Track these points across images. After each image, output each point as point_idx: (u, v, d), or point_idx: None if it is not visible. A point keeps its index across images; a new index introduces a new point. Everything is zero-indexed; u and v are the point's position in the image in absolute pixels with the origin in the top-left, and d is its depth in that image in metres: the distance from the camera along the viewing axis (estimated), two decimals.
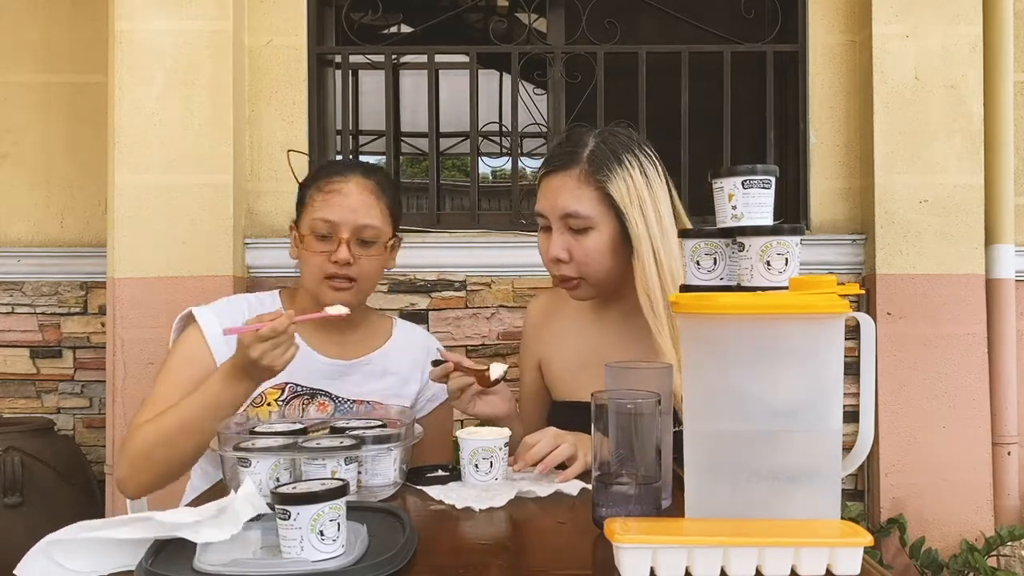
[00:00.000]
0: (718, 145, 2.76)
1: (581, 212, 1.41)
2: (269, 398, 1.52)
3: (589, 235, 1.42)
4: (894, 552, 2.54)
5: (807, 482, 0.92)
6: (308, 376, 1.55)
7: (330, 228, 1.49)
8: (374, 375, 1.60)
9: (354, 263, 1.48)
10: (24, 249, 2.86)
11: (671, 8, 2.84)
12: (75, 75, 2.87)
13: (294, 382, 1.53)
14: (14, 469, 2.42)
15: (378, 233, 1.52)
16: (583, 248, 1.42)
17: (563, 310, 1.61)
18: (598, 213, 1.41)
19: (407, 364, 1.64)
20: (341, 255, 1.47)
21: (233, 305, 1.58)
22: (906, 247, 2.59)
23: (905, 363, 2.58)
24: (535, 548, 1.03)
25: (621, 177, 1.41)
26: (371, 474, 1.18)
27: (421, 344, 1.68)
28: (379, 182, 1.55)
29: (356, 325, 1.61)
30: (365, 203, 1.51)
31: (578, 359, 1.56)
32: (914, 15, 2.59)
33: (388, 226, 1.55)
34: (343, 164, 1.60)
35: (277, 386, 1.52)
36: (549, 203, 1.44)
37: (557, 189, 1.43)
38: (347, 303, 1.47)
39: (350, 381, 1.58)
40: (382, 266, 1.56)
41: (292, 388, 1.54)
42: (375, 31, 3.12)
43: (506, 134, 3.22)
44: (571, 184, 1.42)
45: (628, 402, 0.98)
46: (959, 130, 2.59)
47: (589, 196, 1.41)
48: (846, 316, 0.91)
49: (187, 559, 0.86)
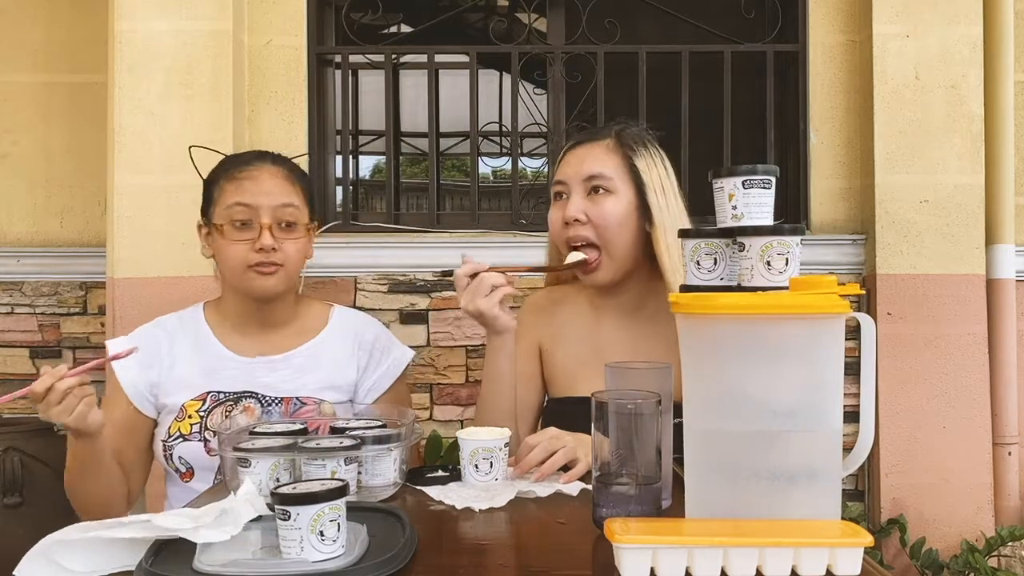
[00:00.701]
0: (718, 145, 2.76)
1: (606, 173, 1.47)
2: (190, 410, 1.50)
3: (609, 199, 1.47)
4: (894, 552, 2.54)
5: (807, 482, 0.92)
6: (229, 380, 1.53)
7: (249, 213, 1.47)
8: (305, 368, 1.56)
9: (278, 248, 1.47)
10: (24, 249, 2.86)
11: (671, 8, 2.84)
12: (75, 75, 2.87)
13: (215, 390, 1.52)
14: (14, 469, 2.42)
15: (298, 214, 1.50)
16: (601, 210, 1.46)
17: (562, 309, 1.61)
18: (621, 179, 1.47)
19: (342, 353, 1.59)
20: (265, 240, 1.45)
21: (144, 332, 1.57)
22: (906, 247, 2.59)
23: (905, 363, 2.58)
24: (535, 548, 1.03)
25: (647, 155, 1.49)
26: (371, 474, 1.17)
27: (354, 329, 1.63)
28: (291, 168, 1.55)
29: (284, 319, 1.58)
30: (280, 186, 1.50)
31: (577, 357, 1.56)
32: (914, 15, 2.59)
33: (305, 210, 1.53)
34: (250, 153, 1.57)
35: (198, 396, 1.51)
36: (573, 169, 1.50)
37: (583, 156, 1.50)
38: (275, 289, 1.48)
39: (278, 377, 1.54)
40: (304, 252, 1.54)
41: (214, 396, 1.52)
42: (375, 31, 3.12)
43: (506, 134, 3.22)
44: (599, 150, 1.50)
45: (628, 402, 0.98)
46: (959, 130, 2.59)
47: (616, 163, 1.48)
48: (846, 316, 0.91)
49: (187, 559, 0.86)
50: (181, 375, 1.53)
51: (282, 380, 1.54)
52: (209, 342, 1.56)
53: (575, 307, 1.59)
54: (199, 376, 1.53)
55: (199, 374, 1.53)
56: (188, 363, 1.54)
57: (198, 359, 1.55)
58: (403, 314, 2.67)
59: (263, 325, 1.57)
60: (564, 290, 1.64)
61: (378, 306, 2.67)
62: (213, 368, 1.54)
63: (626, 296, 1.54)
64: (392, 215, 2.83)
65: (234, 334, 1.56)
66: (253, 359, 1.54)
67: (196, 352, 1.55)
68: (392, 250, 2.69)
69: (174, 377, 1.53)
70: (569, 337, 1.58)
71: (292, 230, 1.49)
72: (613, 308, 1.56)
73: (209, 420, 1.49)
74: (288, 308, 1.58)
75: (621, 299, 1.55)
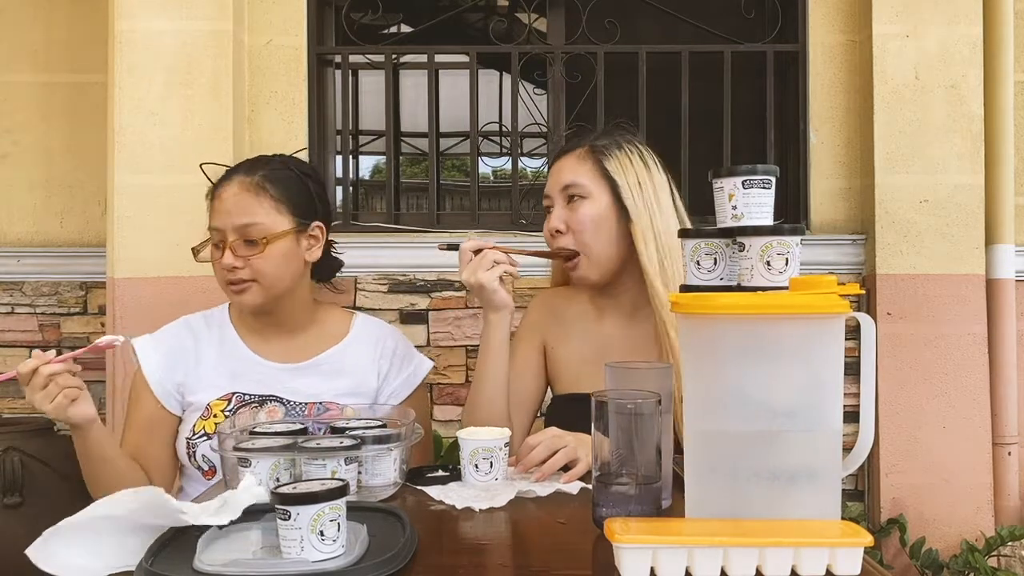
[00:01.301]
0: (718, 145, 2.76)
1: (577, 181, 1.51)
2: (215, 409, 1.52)
3: (583, 204, 1.51)
4: (894, 552, 2.54)
5: (807, 482, 0.92)
6: (255, 383, 1.54)
7: (219, 236, 1.49)
8: (329, 375, 1.57)
9: (244, 265, 1.47)
10: (24, 249, 2.86)
11: (671, 8, 2.84)
12: (75, 75, 2.87)
13: (241, 391, 1.53)
14: (14, 469, 2.42)
15: (264, 228, 1.48)
16: (577, 217, 1.50)
17: (566, 309, 1.63)
18: (594, 184, 1.51)
19: (365, 360, 1.61)
20: (225, 260, 1.47)
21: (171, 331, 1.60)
22: (906, 247, 2.59)
23: (905, 363, 2.58)
24: (535, 548, 1.03)
25: (619, 156, 1.52)
26: (371, 474, 1.17)
27: (376, 336, 1.64)
28: (266, 175, 1.51)
29: (303, 326, 1.59)
30: (241, 203, 1.48)
31: (580, 355, 1.58)
32: (914, 15, 2.59)
33: (280, 217, 1.50)
34: (232, 168, 1.55)
35: (224, 397, 1.53)
36: (553, 181, 1.55)
37: (560, 168, 1.55)
38: (253, 303, 1.49)
39: (303, 383, 1.55)
40: (288, 259, 1.51)
41: (239, 397, 1.53)
42: (375, 31, 3.12)
43: (506, 134, 3.22)
44: (572, 160, 1.54)
45: (628, 402, 0.98)
46: (959, 130, 2.59)
47: (587, 169, 1.52)
48: (846, 316, 0.91)
49: (187, 559, 0.86)
50: (207, 374, 1.55)
51: (307, 386, 1.55)
52: (236, 345, 1.58)
53: (580, 306, 1.62)
54: (224, 377, 1.55)
55: (225, 375, 1.55)
56: (214, 363, 1.56)
57: (224, 360, 1.56)
58: (403, 314, 2.67)
59: (280, 330, 1.58)
60: (569, 290, 1.66)
61: (378, 306, 2.67)
62: (239, 370, 1.55)
63: (624, 296, 1.57)
64: (392, 215, 2.83)
65: (257, 338, 1.58)
66: (278, 364, 1.56)
67: (222, 353, 1.57)
68: (392, 250, 2.69)
69: (200, 375, 1.55)
70: (573, 335, 1.60)
71: (255, 246, 1.47)
72: (613, 308, 1.58)
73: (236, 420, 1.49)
74: (302, 314, 1.59)
75: (620, 299, 1.57)
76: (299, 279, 1.55)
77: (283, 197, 1.51)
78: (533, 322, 1.65)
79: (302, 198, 1.54)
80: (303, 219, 1.54)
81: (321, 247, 1.58)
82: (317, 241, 1.57)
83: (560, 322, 1.63)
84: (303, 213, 1.54)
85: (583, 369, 1.56)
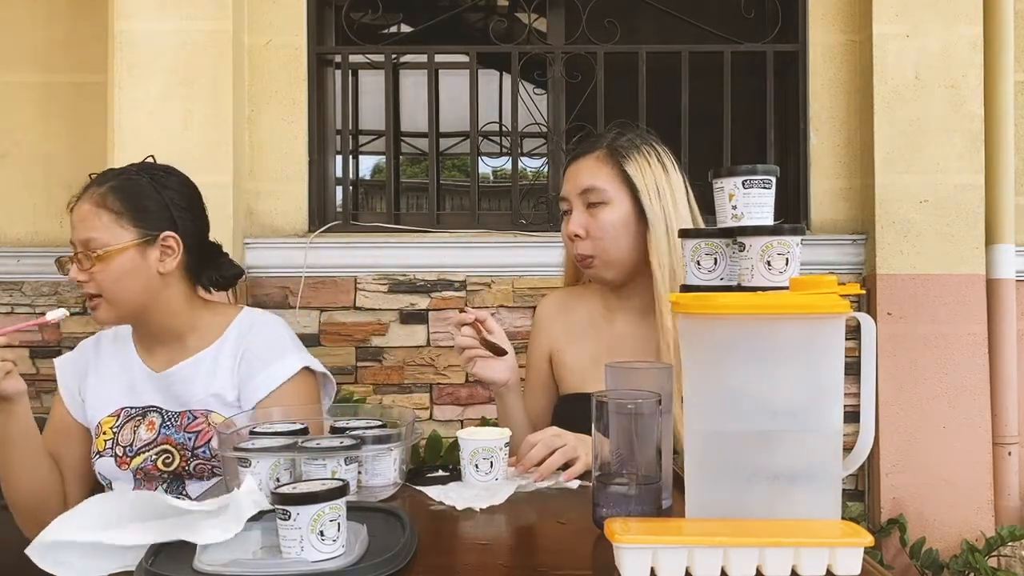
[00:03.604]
0: (718, 145, 2.76)
1: (597, 185, 1.49)
2: (104, 427, 1.52)
3: (604, 210, 1.49)
4: (894, 552, 2.54)
5: (807, 482, 0.92)
6: (139, 395, 1.53)
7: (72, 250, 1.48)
8: (203, 376, 1.52)
9: (88, 279, 1.45)
10: (24, 249, 2.86)
11: (671, 8, 2.84)
12: (75, 75, 2.87)
13: (128, 405, 1.53)
14: None
15: (102, 242, 1.44)
16: (598, 223, 1.49)
17: (577, 308, 1.63)
18: (614, 188, 1.49)
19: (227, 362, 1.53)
20: (71, 275, 1.46)
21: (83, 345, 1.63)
22: (906, 247, 2.59)
23: (905, 363, 2.58)
24: (535, 548, 1.03)
25: (638, 160, 1.50)
26: (371, 474, 1.17)
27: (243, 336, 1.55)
28: (112, 187, 1.48)
29: (177, 332, 1.54)
30: (82, 217, 1.47)
31: (588, 355, 1.58)
32: (914, 15, 2.59)
33: (120, 231, 1.45)
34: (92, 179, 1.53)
35: (113, 413, 1.53)
36: (571, 184, 1.53)
37: (578, 170, 1.53)
38: (106, 319, 1.48)
39: (180, 390, 1.51)
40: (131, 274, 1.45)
41: (127, 412, 1.53)
42: (375, 31, 3.12)
43: (506, 134, 3.21)
44: (591, 163, 1.52)
45: (628, 402, 0.98)
46: (959, 130, 2.59)
47: (607, 173, 1.50)
48: (846, 316, 0.91)
49: (187, 559, 0.86)
50: (103, 389, 1.55)
51: (183, 392, 1.52)
52: (131, 357, 1.57)
53: (590, 306, 1.62)
54: (118, 392, 1.54)
55: (122, 389, 1.54)
56: (113, 379, 1.56)
57: (124, 373, 1.56)
58: (403, 314, 2.67)
59: (157, 340, 1.54)
60: (581, 290, 1.66)
61: (378, 306, 2.67)
62: (132, 384, 1.55)
63: (637, 299, 1.56)
64: (392, 215, 2.83)
65: (144, 348, 1.57)
66: (158, 373, 1.53)
67: (123, 366, 1.56)
68: (392, 250, 2.69)
69: (96, 391, 1.56)
70: (582, 335, 1.60)
71: (94, 261, 1.44)
72: (625, 310, 1.58)
73: (121, 436, 1.50)
74: (177, 322, 1.53)
75: (632, 301, 1.56)
76: (156, 292, 1.48)
77: (125, 209, 1.46)
78: (539, 328, 1.65)
79: (151, 209, 1.48)
80: (150, 231, 1.47)
81: (177, 258, 1.49)
82: (172, 252, 1.48)
83: (569, 321, 1.62)
84: (151, 225, 1.47)
85: (591, 369, 1.55)
